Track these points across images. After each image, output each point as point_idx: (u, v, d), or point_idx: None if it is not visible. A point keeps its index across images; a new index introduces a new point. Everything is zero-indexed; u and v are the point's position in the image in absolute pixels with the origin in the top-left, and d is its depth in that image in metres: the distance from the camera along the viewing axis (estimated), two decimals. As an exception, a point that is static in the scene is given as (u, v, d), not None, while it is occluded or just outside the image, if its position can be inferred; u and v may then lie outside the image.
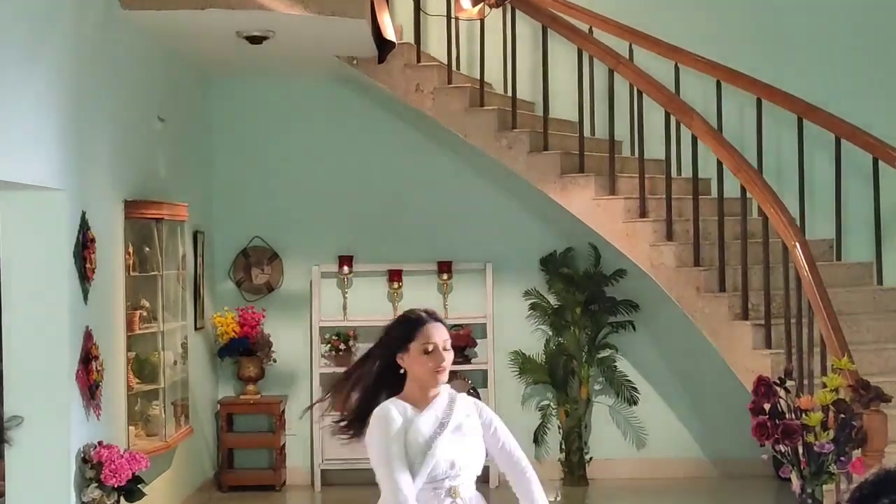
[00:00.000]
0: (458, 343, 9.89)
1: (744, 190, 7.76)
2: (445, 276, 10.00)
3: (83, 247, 6.72)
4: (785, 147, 9.20)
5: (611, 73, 8.50)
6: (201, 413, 9.50)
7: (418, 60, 8.96)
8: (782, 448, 5.51)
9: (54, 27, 6.43)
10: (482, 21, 8.97)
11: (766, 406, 5.57)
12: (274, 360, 9.84)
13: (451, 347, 4.33)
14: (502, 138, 8.73)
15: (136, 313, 7.80)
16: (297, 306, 10.09)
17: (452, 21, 9.08)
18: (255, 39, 8.11)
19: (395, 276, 10.01)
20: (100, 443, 6.76)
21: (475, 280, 10.11)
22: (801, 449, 5.49)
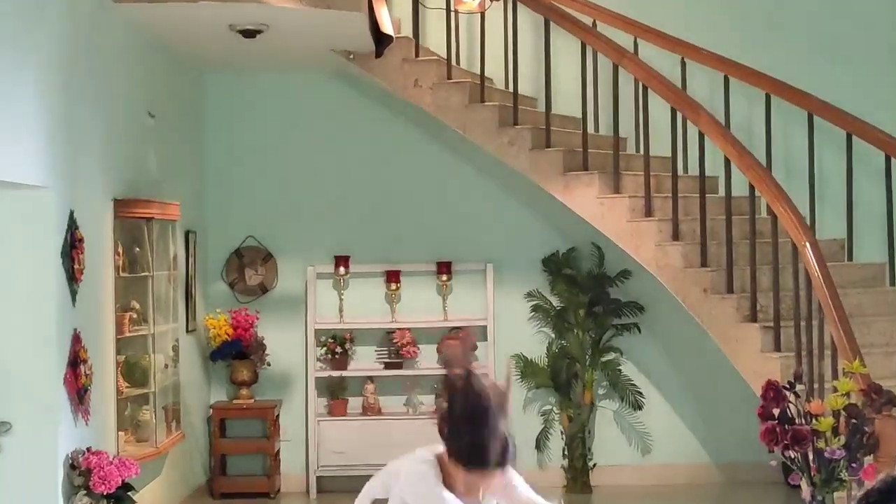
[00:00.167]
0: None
1: (752, 188, 7.75)
2: (445, 276, 10.00)
3: (71, 247, 6.71)
4: (795, 144, 9.20)
5: (615, 67, 8.49)
6: (193, 418, 9.50)
7: (417, 55, 8.96)
8: (792, 454, 5.50)
9: (43, 20, 6.42)
10: (482, 14, 8.96)
11: (776, 411, 5.55)
12: (268, 364, 9.83)
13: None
14: (503, 135, 8.73)
15: (126, 315, 7.79)
16: (291, 308, 10.08)
17: (452, 14, 9.08)
18: (249, 33, 8.11)
19: (393, 276, 10.00)
20: (88, 449, 6.75)
21: (475, 281, 10.10)
22: (811, 455, 5.47)
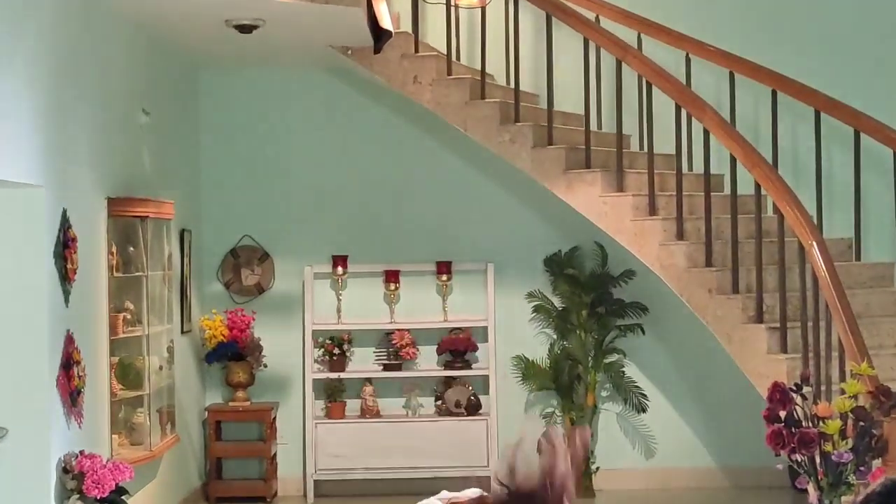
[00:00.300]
0: (458, 347, 9.89)
1: (758, 186, 7.74)
2: (445, 276, 9.99)
3: (64, 246, 6.70)
4: (801, 142, 9.19)
5: (618, 63, 8.48)
6: (188, 421, 9.49)
7: (416, 50, 8.94)
8: (798, 457, 5.49)
9: (34, 15, 6.41)
10: (483, 9, 8.95)
11: (782, 413, 5.55)
12: (264, 366, 9.82)
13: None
14: (504, 132, 8.71)
15: (120, 316, 7.78)
16: (288, 309, 10.07)
17: (452, 9, 9.07)
18: (245, 28, 8.10)
19: (392, 277, 9.99)
20: (81, 452, 6.75)
21: (476, 281, 10.09)
22: (818, 458, 5.47)
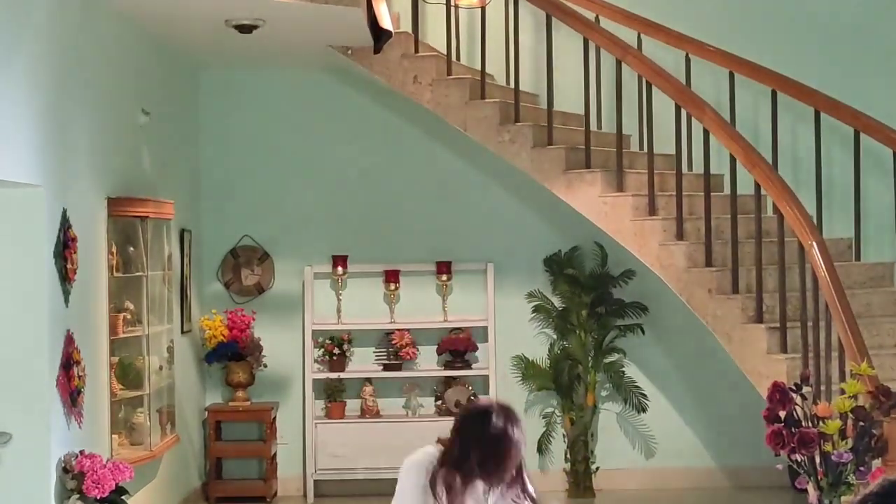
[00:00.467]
0: (458, 347, 9.90)
1: (758, 186, 7.75)
2: (444, 276, 10.00)
3: (64, 246, 6.70)
4: (801, 141, 9.20)
5: (618, 63, 8.49)
6: (188, 421, 9.50)
7: (416, 50, 8.95)
8: (798, 457, 5.50)
9: (33, 15, 6.42)
10: (483, 9, 8.96)
11: (782, 413, 5.55)
12: (264, 366, 9.83)
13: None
14: (504, 132, 8.72)
15: (120, 316, 7.79)
16: (288, 309, 10.08)
17: (452, 9, 9.08)
18: (245, 28, 8.11)
19: (392, 276, 10.00)
20: (81, 452, 6.75)
21: (475, 281, 10.11)
22: (818, 458, 5.47)
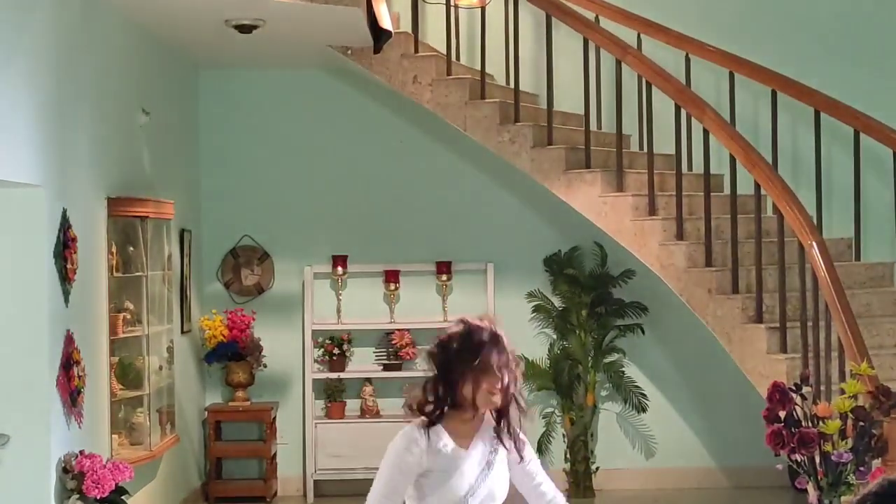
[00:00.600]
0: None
1: (758, 186, 7.75)
2: (444, 276, 10.00)
3: (64, 246, 6.71)
4: (801, 141, 9.20)
5: (618, 63, 8.49)
6: (188, 421, 9.50)
7: (416, 50, 8.96)
8: (798, 457, 5.50)
9: (33, 14, 6.42)
10: (483, 9, 8.96)
11: (782, 413, 5.55)
12: (264, 366, 9.83)
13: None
14: (504, 132, 8.73)
15: (120, 316, 7.79)
16: (288, 309, 10.08)
17: (452, 9, 9.08)
18: (245, 28, 8.11)
19: (392, 277, 10.01)
20: (81, 452, 6.76)
21: (475, 281, 10.11)
22: (818, 458, 5.48)
